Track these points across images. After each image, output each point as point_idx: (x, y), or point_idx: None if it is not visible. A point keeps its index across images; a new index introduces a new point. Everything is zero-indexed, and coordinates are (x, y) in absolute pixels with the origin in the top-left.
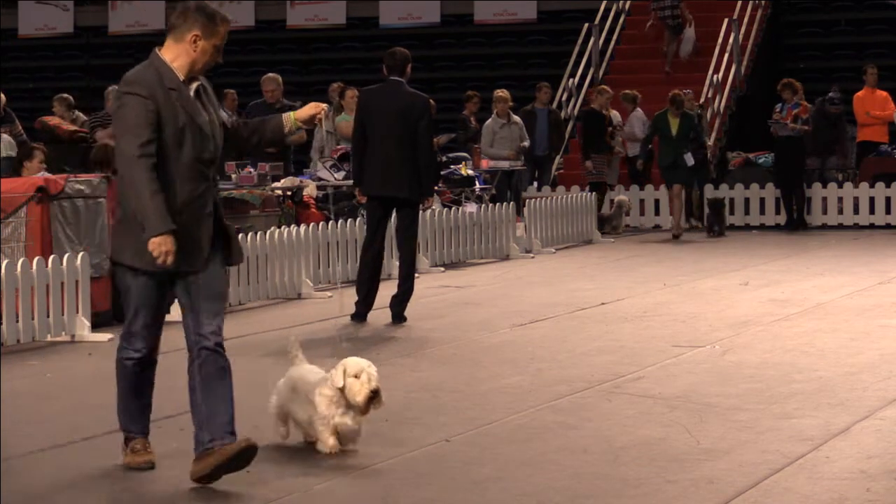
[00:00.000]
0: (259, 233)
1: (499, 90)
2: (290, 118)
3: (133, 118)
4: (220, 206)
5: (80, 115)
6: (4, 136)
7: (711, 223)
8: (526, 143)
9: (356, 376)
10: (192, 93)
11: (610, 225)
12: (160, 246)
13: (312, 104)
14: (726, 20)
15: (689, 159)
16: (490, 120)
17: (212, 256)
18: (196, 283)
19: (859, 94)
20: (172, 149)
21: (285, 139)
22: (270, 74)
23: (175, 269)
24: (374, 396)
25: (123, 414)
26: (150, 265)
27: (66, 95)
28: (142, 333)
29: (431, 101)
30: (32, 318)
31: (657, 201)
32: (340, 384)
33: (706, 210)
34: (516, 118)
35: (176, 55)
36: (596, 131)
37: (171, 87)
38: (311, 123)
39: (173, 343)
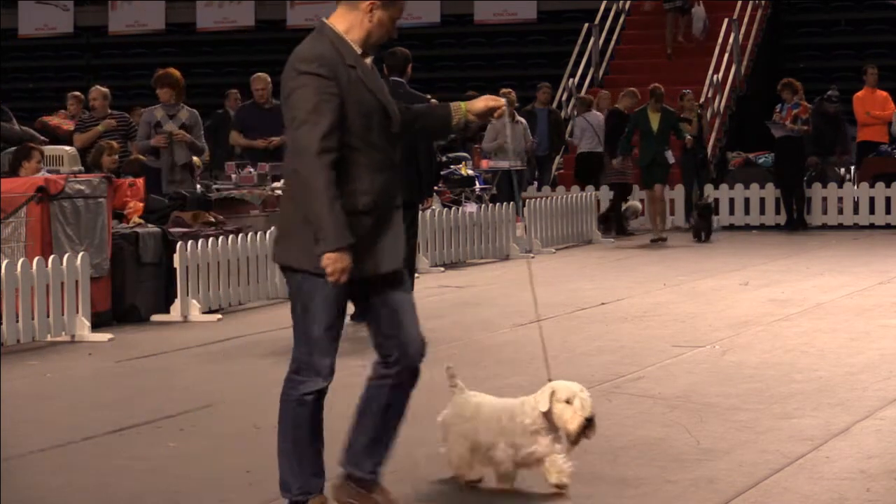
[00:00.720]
0: (259, 233)
1: (504, 89)
2: (461, 109)
3: (312, 104)
4: (402, 198)
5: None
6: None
7: (699, 228)
8: (533, 143)
9: (567, 401)
10: (371, 69)
11: (615, 225)
12: (335, 262)
13: (488, 97)
14: (726, 20)
15: (670, 157)
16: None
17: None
18: (392, 290)
19: (859, 94)
20: (361, 136)
21: (452, 131)
22: (259, 74)
23: (370, 274)
24: (588, 425)
25: (298, 473)
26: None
27: (79, 94)
28: (329, 355)
29: (434, 101)
30: (32, 318)
31: None
32: (545, 408)
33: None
34: (520, 118)
35: (350, 26)
36: (621, 132)
37: (351, 64)
38: (485, 118)
39: (172, 343)
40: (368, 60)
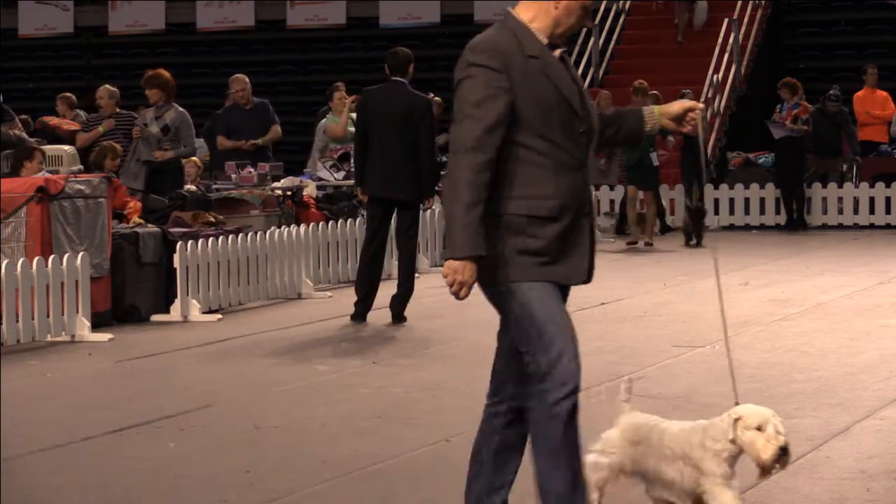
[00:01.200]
0: (259, 233)
1: None
2: (655, 114)
3: (478, 97)
4: (591, 204)
5: (83, 114)
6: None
7: (688, 231)
8: None
9: (759, 428)
10: (557, 60)
11: (617, 224)
12: (455, 273)
13: (685, 102)
14: (726, 20)
15: (655, 159)
16: None
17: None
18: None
19: (859, 94)
20: (540, 133)
21: (643, 137)
22: (237, 75)
23: (562, 283)
24: (782, 454)
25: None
26: (545, 275)
27: (68, 94)
28: (566, 355)
29: (438, 98)
30: (32, 318)
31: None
32: (731, 436)
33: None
34: None
35: (535, 14)
36: None
37: (532, 55)
38: (680, 122)
39: (172, 343)
40: (557, 53)
